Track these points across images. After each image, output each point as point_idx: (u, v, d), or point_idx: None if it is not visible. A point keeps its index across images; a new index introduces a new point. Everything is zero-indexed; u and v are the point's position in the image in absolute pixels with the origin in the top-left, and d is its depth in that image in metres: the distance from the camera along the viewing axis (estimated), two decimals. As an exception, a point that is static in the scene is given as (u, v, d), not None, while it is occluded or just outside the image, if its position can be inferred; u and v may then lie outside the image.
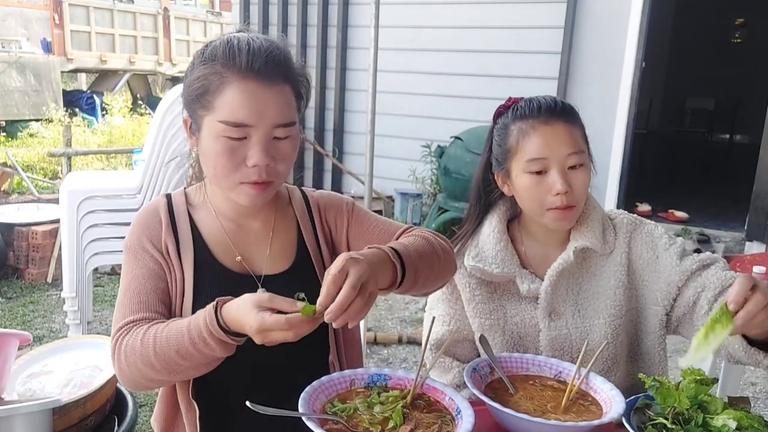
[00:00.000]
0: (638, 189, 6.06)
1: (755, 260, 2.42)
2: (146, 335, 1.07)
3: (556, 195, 1.30)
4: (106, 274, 4.29)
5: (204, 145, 1.13)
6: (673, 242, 1.38)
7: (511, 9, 5.66)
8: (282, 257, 1.26)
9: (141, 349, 1.06)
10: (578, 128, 1.35)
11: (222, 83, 1.08)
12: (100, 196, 3.21)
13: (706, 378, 1.07)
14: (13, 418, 1.21)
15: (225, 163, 1.10)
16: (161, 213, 1.23)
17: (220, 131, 1.09)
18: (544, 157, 1.31)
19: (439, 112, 6.01)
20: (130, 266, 1.20)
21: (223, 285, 1.20)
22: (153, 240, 1.20)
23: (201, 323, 1.01)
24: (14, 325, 3.46)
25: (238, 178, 1.12)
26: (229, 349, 1.03)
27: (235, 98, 1.08)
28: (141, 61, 12.87)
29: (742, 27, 10.37)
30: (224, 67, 1.09)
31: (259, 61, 1.08)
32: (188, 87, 1.14)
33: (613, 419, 1.04)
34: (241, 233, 1.25)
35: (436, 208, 5.38)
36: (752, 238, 5.10)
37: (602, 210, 1.44)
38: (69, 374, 1.51)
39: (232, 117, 1.07)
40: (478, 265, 1.39)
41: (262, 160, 1.09)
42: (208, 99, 1.10)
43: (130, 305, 1.15)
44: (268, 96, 1.09)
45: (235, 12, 7.04)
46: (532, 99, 1.38)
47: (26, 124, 10.27)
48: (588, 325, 1.36)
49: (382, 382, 1.12)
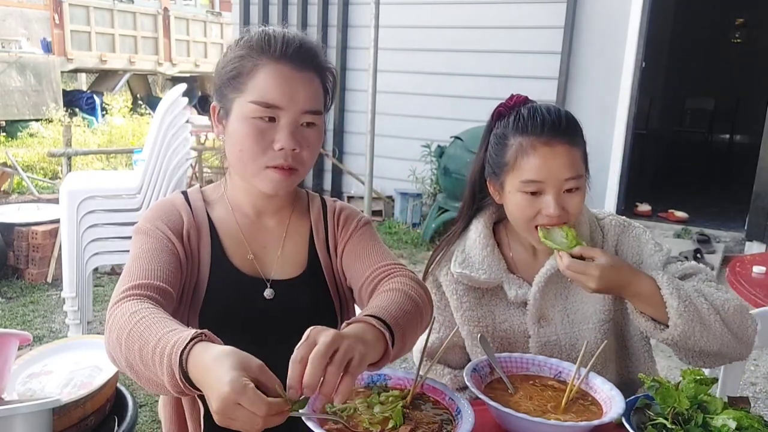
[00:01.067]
0: (638, 189, 6.06)
1: (755, 260, 2.42)
2: (134, 314, 0.96)
3: (548, 216, 1.27)
4: (106, 274, 4.29)
5: (232, 129, 1.15)
6: (659, 249, 1.36)
7: (511, 9, 5.66)
8: (293, 262, 1.26)
9: (121, 324, 0.96)
10: (579, 149, 1.30)
11: (256, 66, 1.12)
12: (100, 196, 3.21)
13: (705, 378, 1.07)
14: (13, 418, 1.21)
15: (252, 146, 1.12)
16: (180, 206, 1.23)
17: (250, 112, 1.11)
18: (541, 180, 1.26)
19: (439, 112, 6.01)
20: (140, 242, 1.14)
21: (233, 286, 1.19)
22: (171, 225, 1.18)
23: (170, 341, 0.87)
24: (14, 325, 3.45)
25: (264, 161, 1.13)
26: (174, 386, 0.86)
27: (268, 80, 1.11)
28: (141, 61, 12.87)
29: (742, 27, 10.37)
30: (258, 53, 1.13)
31: (292, 47, 1.13)
32: (220, 71, 1.17)
33: (613, 419, 1.04)
34: (255, 230, 1.25)
35: (436, 208, 5.38)
36: (752, 238, 5.10)
37: (589, 211, 1.42)
38: (69, 374, 1.51)
39: (263, 98, 1.10)
40: (464, 271, 1.37)
41: (290, 143, 1.11)
42: (241, 81, 1.13)
43: (138, 272, 1.07)
44: (299, 81, 1.12)
45: (235, 12, 7.04)
46: (536, 110, 1.30)
47: (26, 124, 10.27)
48: (577, 330, 1.35)
49: (382, 382, 1.12)
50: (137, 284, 1.04)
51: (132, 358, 0.93)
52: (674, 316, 1.19)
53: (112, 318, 0.99)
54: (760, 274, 2.26)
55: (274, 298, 1.21)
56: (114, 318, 0.99)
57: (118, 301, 1.01)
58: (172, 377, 0.85)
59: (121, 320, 0.96)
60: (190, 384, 0.84)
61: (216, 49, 14.41)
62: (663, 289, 1.20)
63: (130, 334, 0.93)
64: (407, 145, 6.01)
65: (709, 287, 1.28)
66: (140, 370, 0.93)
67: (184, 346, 0.84)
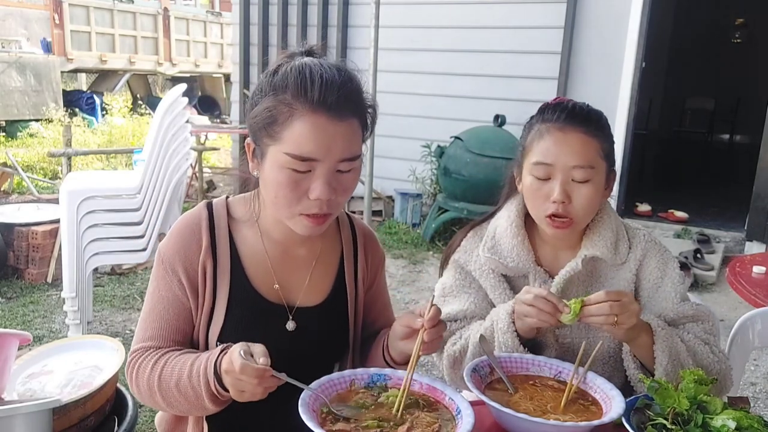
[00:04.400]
0: (638, 189, 6.06)
1: (755, 260, 2.42)
2: (156, 364, 1.13)
3: (553, 202, 1.29)
4: (106, 274, 4.29)
5: (267, 174, 1.11)
6: (681, 282, 1.38)
7: (511, 9, 5.66)
8: (319, 289, 1.25)
9: (149, 376, 1.13)
10: (597, 141, 1.31)
11: (291, 115, 1.06)
12: (100, 196, 3.21)
13: (705, 378, 1.07)
14: (13, 418, 1.21)
15: (287, 194, 1.09)
16: (203, 230, 1.20)
17: (285, 163, 1.06)
18: (549, 163, 1.29)
19: (439, 112, 6.01)
20: (158, 282, 1.20)
21: (254, 314, 1.19)
22: (187, 261, 1.18)
23: (203, 362, 1.06)
24: (14, 325, 3.45)
25: (298, 209, 1.10)
26: (213, 399, 1.07)
27: (304, 132, 1.05)
28: (141, 61, 12.85)
29: (742, 27, 10.36)
30: (295, 99, 1.06)
31: (331, 97, 1.05)
32: (255, 115, 1.11)
33: (612, 419, 1.04)
34: (284, 259, 1.23)
35: (436, 208, 5.38)
36: (752, 238, 5.10)
37: (619, 220, 1.42)
38: (69, 374, 1.51)
39: (299, 150, 1.05)
40: (494, 257, 1.39)
41: (325, 193, 1.07)
42: (276, 129, 1.07)
43: (150, 329, 1.18)
44: (337, 131, 1.06)
45: (235, 12, 7.04)
46: (564, 102, 1.36)
47: (26, 124, 10.26)
48: (593, 337, 1.35)
49: (382, 382, 1.12)
50: (146, 346, 1.18)
51: (171, 397, 1.11)
52: (660, 373, 1.22)
53: (137, 376, 1.15)
54: (760, 274, 2.26)
55: (295, 330, 1.21)
56: (138, 374, 1.15)
57: (134, 359, 1.17)
58: (208, 388, 1.05)
59: (146, 373, 1.14)
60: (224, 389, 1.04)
61: (216, 49, 14.40)
62: (657, 344, 1.23)
63: (162, 378, 1.11)
64: (407, 145, 6.00)
65: (705, 344, 1.30)
66: (180, 402, 1.11)
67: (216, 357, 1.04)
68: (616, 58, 5.25)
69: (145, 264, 4.06)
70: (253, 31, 6.91)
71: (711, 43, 10.00)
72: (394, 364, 1.20)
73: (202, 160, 6.24)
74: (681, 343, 1.27)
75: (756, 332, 1.73)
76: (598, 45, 5.34)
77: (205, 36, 14.26)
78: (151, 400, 1.15)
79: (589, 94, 5.34)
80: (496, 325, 1.30)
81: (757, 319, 1.73)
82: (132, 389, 1.18)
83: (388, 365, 1.21)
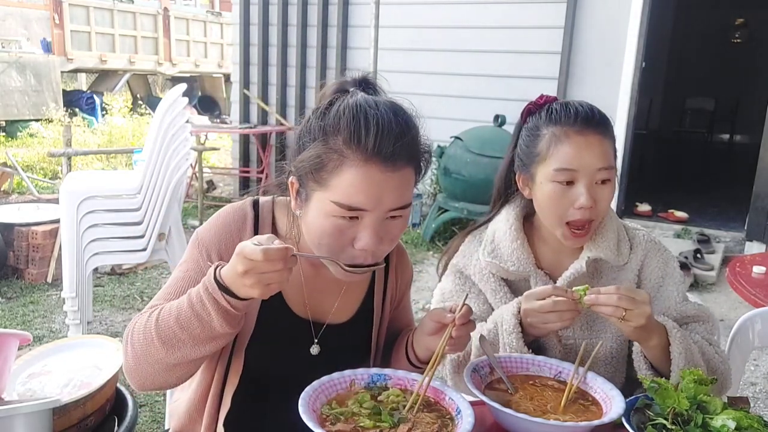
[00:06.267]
0: (638, 189, 6.06)
1: (755, 260, 2.42)
2: (153, 312, 1.03)
3: (579, 208, 1.27)
4: (106, 274, 4.29)
5: (311, 218, 1.05)
6: (682, 281, 1.38)
7: (511, 9, 5.66)
8: (347, 308, 1.24)
9: (145, 324, 1.02)
10: (610, 141, 1.31)
11: (342, 163, 0.99)
12: (100, 196, 3.21)
13: (705, 378, 1.07)
14: (13, 418, 1.21)
15: (330, 243, 1.03)
16: (247, 228, 1.15)
17: (332, 211, 1.00)
18: (574, 168, 1.27)
19: (439, 112, 6.00)
20: (188, 263, 1.14)
21: (281, 324, 1.17)
22: (225, 252, 1.11)
23: (201, 285, 0.97)
24: (14, 325, 3.45)
25: (342, 258, 1.04)
26: (225, 317, 0.96)
27: (354, 182, 0.98)
28: (141, 61, 12.86)
29: (742, 27, 10.37)
30: (347, 146, 0.99)
31: (387, 147, 0.98)
32: (303, 158, 1.04)
33: (612, 419, 1.04)
34: (317, 280, 1.20)
35: (436, 208, 5.38)
36: (752, 238, 5.10)
37: (619, 221, 1.42)
38: (69, 374, 1.50)
39: (347, 200, 0.99)
40: (494, 261, 1.38)
41: (372, 244, 1.02)
42: (324, 176, 1.00)
43: (165, 295, 1.10)
44: (390, 182, 1.00)
45: (235, 12, 7.04)
46: (569, 104, 1.32)
47: (26, 124, 10.27)
48: (595, 338, 1.34)
49: (382, 382, 1.12)
50: (155, 303, 1.09)
51: (172, 338, 0.99)
52: (676, 375, 1.20)
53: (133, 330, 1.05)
54: (760, 274, 2.26)
55: (319, 353, 1.20)
56: (134, 329, 1.04)
57: (134, 319, 1.06)
58: (218, 306, 0.95)
59: (142, 323, 1.03)
60: (234, 297, 0.94)
61: (216, 49, 14.41)
62: (673, 347, 1.22)
63: (160, 319, 1.00)
64: (407, 145, 6.00)
65: (710, 344, 1.31)
66: (183, 340, 0.99)
67: (213, 270, 0.96)
68: (616, 58, 5.25)
69: (145, 264, 4.07)
70: (253, 31, 6.90)
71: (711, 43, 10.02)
72: (418, 363, 1.19)
73: (202, 160, 6.24)
74: (693, 344, 1.27)
75: (756, 332, 1.73)
76: (598, 45, 5.35)
77: (205, 36, 14.27)
78: (145, 354, 1.02)
79: (589, 94, 5.34)
80: (500, 326, 1.30)
81: (757, 319, 1.73)
82: (125, 351, 1.05)
83: (411, 364, 1.20)
